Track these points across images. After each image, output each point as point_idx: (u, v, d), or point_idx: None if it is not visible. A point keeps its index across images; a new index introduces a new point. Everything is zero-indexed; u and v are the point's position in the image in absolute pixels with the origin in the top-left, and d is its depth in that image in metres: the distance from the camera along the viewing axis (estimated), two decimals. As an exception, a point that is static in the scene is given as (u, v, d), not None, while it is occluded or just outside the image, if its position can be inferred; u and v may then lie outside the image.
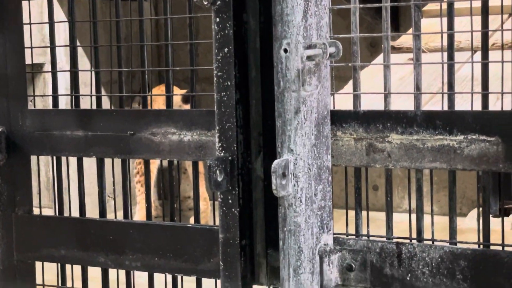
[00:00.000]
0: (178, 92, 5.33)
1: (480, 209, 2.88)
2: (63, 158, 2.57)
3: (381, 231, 2.21)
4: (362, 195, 2.13)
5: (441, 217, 4.65)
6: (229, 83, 1.99)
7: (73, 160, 2.56)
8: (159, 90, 5.05)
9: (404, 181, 6.23)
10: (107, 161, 2.51)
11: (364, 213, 2.18)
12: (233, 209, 2.03)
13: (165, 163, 5.00)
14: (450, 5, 1.95)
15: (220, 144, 2.02)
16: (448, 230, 2.03)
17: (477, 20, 2.01)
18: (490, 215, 2.07)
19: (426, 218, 2.08)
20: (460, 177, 5.81)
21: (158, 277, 2.47)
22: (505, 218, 5.42)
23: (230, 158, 2.00)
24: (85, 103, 2.54)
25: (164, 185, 5.33)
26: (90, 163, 2.75)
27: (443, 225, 2.42)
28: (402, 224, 2.45)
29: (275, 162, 1.89)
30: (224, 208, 2.04)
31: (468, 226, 5.59)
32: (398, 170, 6.25)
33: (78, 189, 2.50)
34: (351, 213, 2.28)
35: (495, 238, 2.11)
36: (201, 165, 5.18)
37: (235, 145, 2.01)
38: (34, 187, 2.73)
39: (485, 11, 1.96)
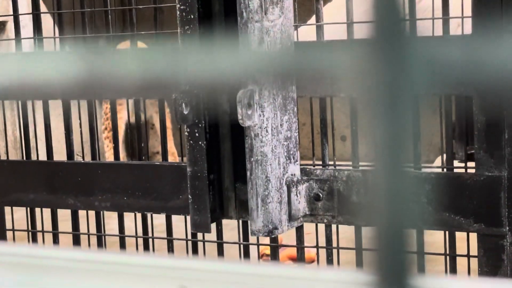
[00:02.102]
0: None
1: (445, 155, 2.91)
2: (30, 115, 2.56)
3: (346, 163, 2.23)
4: (327, 127, 2.16)
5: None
6: (192, 17, 1.99)
7: (39, 117, 2.56)
8: (124, 46, 5.01)
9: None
10: (75, 122, 2.51)
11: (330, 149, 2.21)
12: (200, 142, 2.04)
13: (132, 119, 4.99)
14: None
15: (184, 78, 2.02)
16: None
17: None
18: (456, 160, 2.10)
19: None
20: (427, 124, 5.87)
21: (129, 226, 2.48)
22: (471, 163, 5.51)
23: (195, 91, 2.01)
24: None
25: (132, 142, 5.32)
26: (57, 123, 2.74)
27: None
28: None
29: (240, 92, 1.90)
30: (191, 142, 2.05)
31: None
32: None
33: (45, 134, 2.49)
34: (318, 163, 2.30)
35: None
36: (168, 120, 5.18)
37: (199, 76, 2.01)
38: (1, 147, 2.72)
39: None
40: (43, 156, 2.56)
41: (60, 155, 2.64)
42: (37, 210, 2.56)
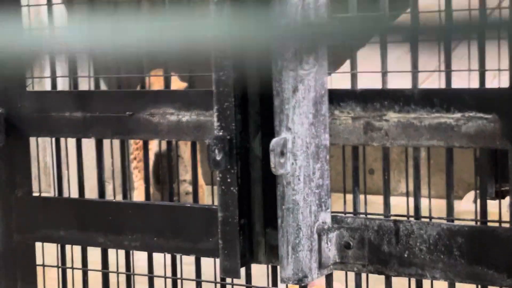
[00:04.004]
0: (177, 82, 5.29)
1: (477, 191, 2.88)
2: (62, 142, 2.58)
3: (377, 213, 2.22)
4: (359, 176, 2.15)
5: (437, 200, 4.69)
6: (227, 63, 2.00)
7: (71, 145, 2.58)
8: (156, 73, 5.03)
9: (400, 165, 6.25)
10: (106, 147, 2.52)
11: (361, 195, 2.20)
12: (231, 188, 2.04)
13: (163, 147, 5.01)
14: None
15: (218, 124, 2.03)
16: (444, 211, 2.05)
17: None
18: (486, 198, 2.08)
19: (423, 201, 2.10)
20: (456, 161, 5.81)
21: (158, 265, 2.48)
22: (502, 201, 5.45)
23: (228, 137, 2.02)
24: (83, 88, 2.54)
25: (161, 170, 5.33)
26: (87, 149, 2.75)
27: (439, 207, 2.45)
28: (398, 207, 2.49)
29: (274, 140, 1.90)
30: (223, 187, 2.05)
31: (464, 209, 5.61)
32: (394, 154, 6.28)
33: (78, 171, 2.51)
34: (349, 196, 2.30)
35: (491, 219, 2.13)
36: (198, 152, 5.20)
37: (234, 124, 2.02)
38: (32, 172, 2.73)
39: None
40: (73, 185, 2.56)
41: (89, 181, 2.65)
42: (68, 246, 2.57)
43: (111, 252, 2.51)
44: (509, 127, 1.87)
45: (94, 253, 2.55)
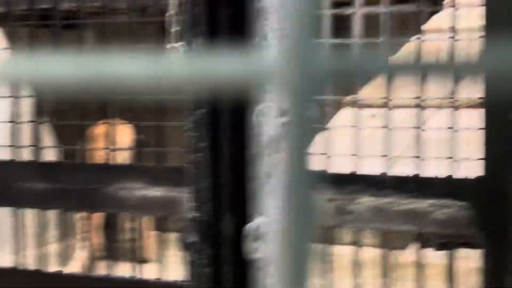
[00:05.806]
0: (127, 129, 5.15)
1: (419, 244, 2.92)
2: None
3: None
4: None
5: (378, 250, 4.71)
6: (202, 145, 2.00)
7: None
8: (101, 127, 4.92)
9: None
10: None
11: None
12: (203, 268, 2.03)
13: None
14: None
15: (192, 205, 2.02)
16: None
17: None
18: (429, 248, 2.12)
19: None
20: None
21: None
22: (442, 253, 5.51)
23: (202, 218, 2.01)
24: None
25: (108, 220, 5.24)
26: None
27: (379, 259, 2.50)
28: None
29: (247, 226, 1.90)
30: (194, 267, 2.04)
31: (407, 260, 5.65)
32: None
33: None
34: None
35: (434, 272, 2.17)
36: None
37: (207, 205, 2.01)
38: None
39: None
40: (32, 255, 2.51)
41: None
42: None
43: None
44: (480, 215, 1.90)
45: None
